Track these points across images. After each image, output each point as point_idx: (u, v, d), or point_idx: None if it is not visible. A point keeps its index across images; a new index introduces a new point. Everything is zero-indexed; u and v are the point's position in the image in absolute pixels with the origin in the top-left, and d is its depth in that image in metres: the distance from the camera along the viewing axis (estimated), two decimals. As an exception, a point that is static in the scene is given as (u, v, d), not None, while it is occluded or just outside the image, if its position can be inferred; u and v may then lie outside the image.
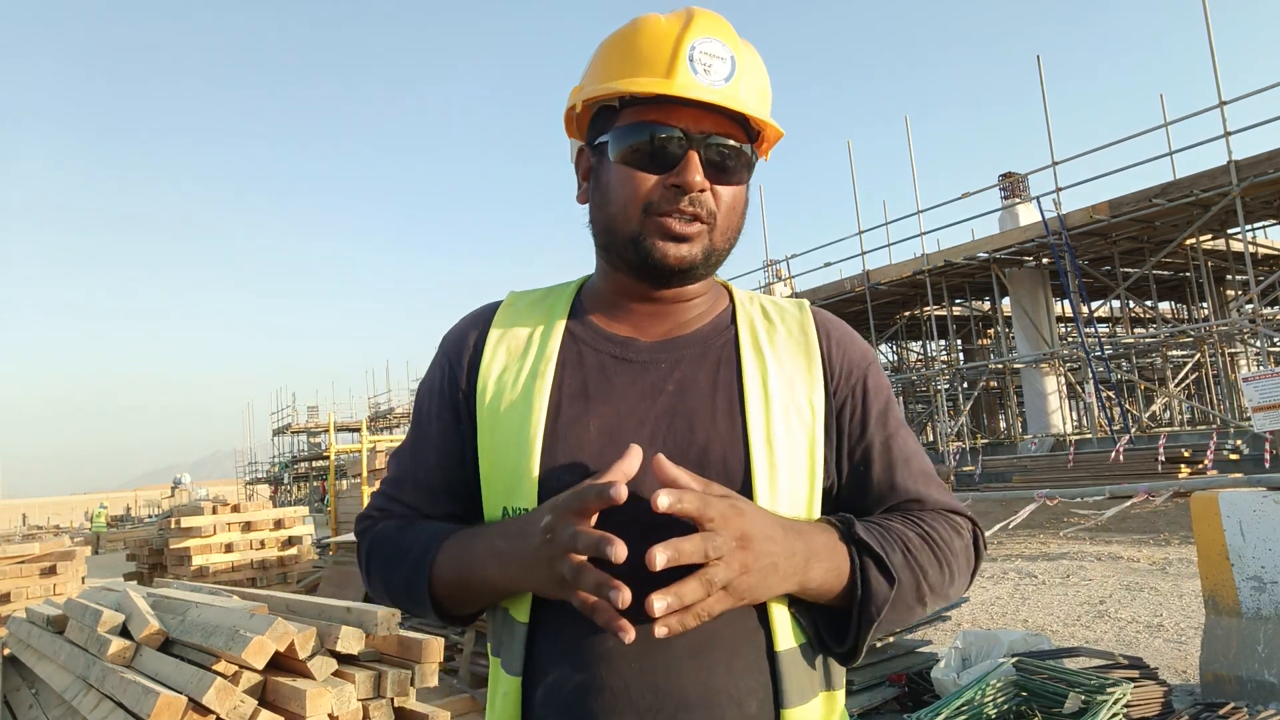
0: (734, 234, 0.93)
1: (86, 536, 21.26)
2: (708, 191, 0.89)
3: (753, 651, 0.84)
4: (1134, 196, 14.38)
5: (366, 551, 0.98)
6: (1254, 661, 3.49)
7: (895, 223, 19.04)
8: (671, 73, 0.86)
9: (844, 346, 0.98)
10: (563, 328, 0.97)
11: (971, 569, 0.95)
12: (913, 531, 0.89)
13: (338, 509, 12.35)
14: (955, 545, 0.91)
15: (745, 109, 0.88)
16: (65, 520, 43.88)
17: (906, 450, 0.96)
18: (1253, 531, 3.63)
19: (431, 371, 1.02)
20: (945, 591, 0.91)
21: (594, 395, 0.91)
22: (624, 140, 0.89)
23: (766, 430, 0.89)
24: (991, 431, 23.24)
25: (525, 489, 0.87)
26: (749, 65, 0.91)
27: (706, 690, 0.81)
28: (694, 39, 0.88)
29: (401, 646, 3.09)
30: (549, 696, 0.84)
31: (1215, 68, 12.84)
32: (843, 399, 0.95)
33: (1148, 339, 17.72)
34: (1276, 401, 8.98)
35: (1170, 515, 9.92)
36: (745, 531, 0.74)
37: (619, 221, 0.91)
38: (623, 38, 0.92)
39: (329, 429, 13.72)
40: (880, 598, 0.83)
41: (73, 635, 3.54)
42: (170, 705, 2.54)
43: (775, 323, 0.99)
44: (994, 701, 3.20)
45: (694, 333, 0.96)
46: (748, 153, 0.91)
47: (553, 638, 0.85)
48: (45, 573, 6.84)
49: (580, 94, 0.93)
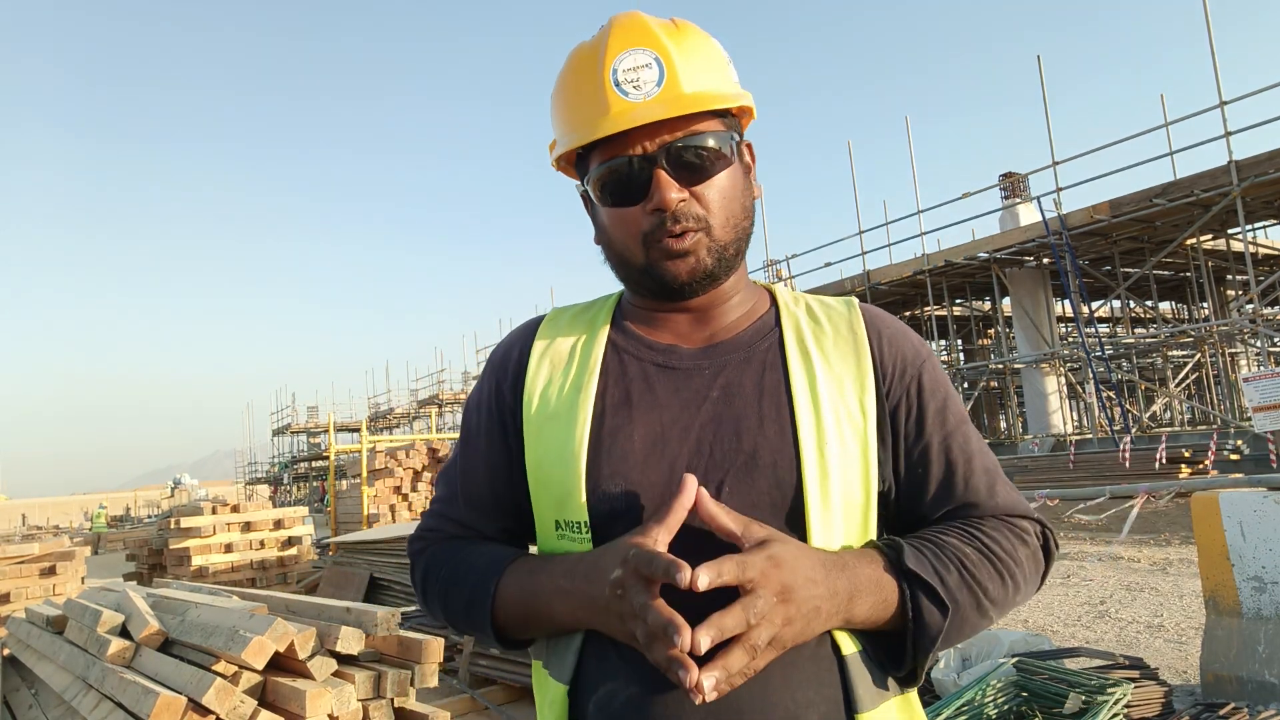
0: (739, 218, 0.91)
1: (86, 537, 21.27)
2: (689, 200, 0.87)
3: (813, 662, 0.82)
4: (1134, 196, 14.37)
5: (422, 574, 0.97)
6: (1254, 662, 3.49)
7: (895, 223, 19.06)
8: (606, 106, 0.86)
9: (896, 344, 0.95)
10: (605, 337, 0.96)
11: (1040, 573, 0.93)
12: (970, 546, 0.86)
13: (337, 509, 12.35)
14: (1019, 554, 0.89)
15: (687, 107, 0.85)
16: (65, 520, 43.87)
17: (968, 450, 0.93)
18: (1253, 532, 3.63)
19: (478, 388, 1.02)
20: (1010, 601, 0.88)
21: (637, 404, 0.90)
22: (597, 186, 0.90)
23: (817, 435, 0.86)
24: (992, 432, 23.25)
25: (574, 504, 0.87)
26: (683, 53, 0.88)
27: (764, 704, 0.79)
28: (613, 60, 0.86)
29: (401, 647, 3.09)
30: (601, 709, 0.83)
31: (1215, 68, 12.84)
32: (896, 399, 0.92)
33: (1148, 339, 17.72)
34: (1277, 401, 8.98)
35: (1170, 515, 9.91)
36: (785, 584, 0.74)
37: (626, 257, 0.91)
38: (561, 83, 0.93)
39: (329, 429, 13.74)
40: (934, 627, 0.81)
41: (72, 635, 3.54)
42: (170, 705, 2.54)
43: (822, 323, 0.96)
44: (994, 702, 3.19)
45: (736, 337, 0.94)
46: (718, 141, 0.88)
47: (606, 649, 0.84)
48: (45, 573, 6.84)
49: (553, 153, 0.96)
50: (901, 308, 21.95)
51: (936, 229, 19.39)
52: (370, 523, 11.17)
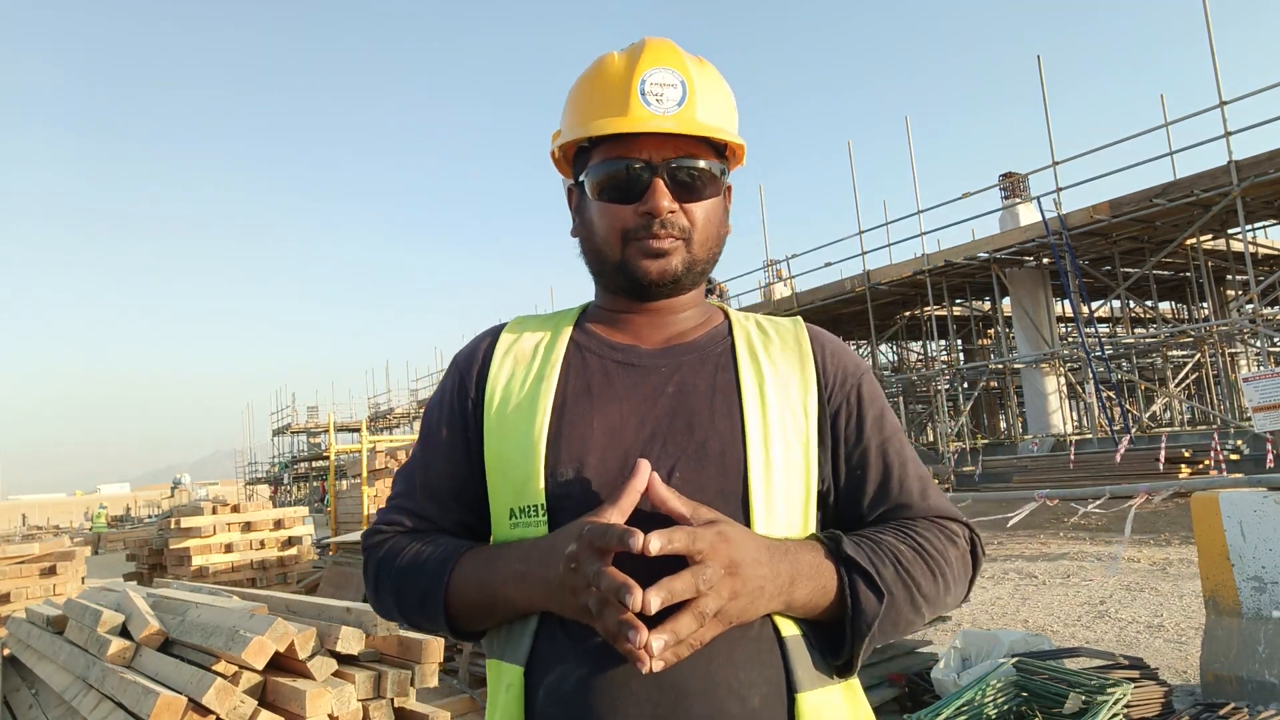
0: (713, 244, 1.00)
1: (87, 537, 21.27)
2: (678, 212, 0.95)
3: (755, 643, 0.85)
4: (1134, 196, 14.36)
5: (375, 566, 0.99)
6: (1254, 662, 3.49)
7: (895, 223, 19.05)
8: (626, 109, 0.93)
9: (838, 357, 1.03)
10: (568, 336, 1.02)
11: (969, 576, 0.97)
12: (905, 544, 0.91)
13: (338, 509, 12.35)
14: (950, 554, 0.93)
15: (698, 130, 0.94)
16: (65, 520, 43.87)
17: (903, 455, 0.99)
18: (1253, 532, 3.63)
19: (441, 386, 1.06)
20: (942, 600, 0.92)
21: (597, 396, 0.95)
22: (596, 177, 0.96)
23: (763, 430, 0.92)
24: (992, 432, 23.24)
25: (532, 488, 0.91)
26: (703, 85, 0.97)
27: (708, 683, 0.82)
28: (644, 72, 0.94)
29: (401, 647, 3.09)
30: (552, 692, 0.86)
31: (1215, 68, 12.83)
32: (837, 405, 0.99)
33: (1148, 339, 17.72)
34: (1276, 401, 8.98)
35: (1170, 515, 9.91)
36: (733, 559, 0.78)
37: (604, 251, 0.98)
38: (585, 82, 0.99)
39: (329, 429, 13.72)
40: (870, 613, 0.85)
41: (72, 635, 3.54)
42: (170, 705, 2.54)
43: (770, 334, 1.04)
44: (994, 702, 3.19)
45: (692, 341, 1.01)
46: (713, 170, 0.96)
47: (556, 635, 0.87)
48: (45, 573, 6.84)
49: (557, 139, 1.02)
50: (901, 308, 21.94)
51: (936, 229, 19.41)
52: (370, 523, 11.16)
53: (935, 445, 20.47)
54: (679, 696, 0.82)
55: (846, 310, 21.06)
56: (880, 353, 24.56)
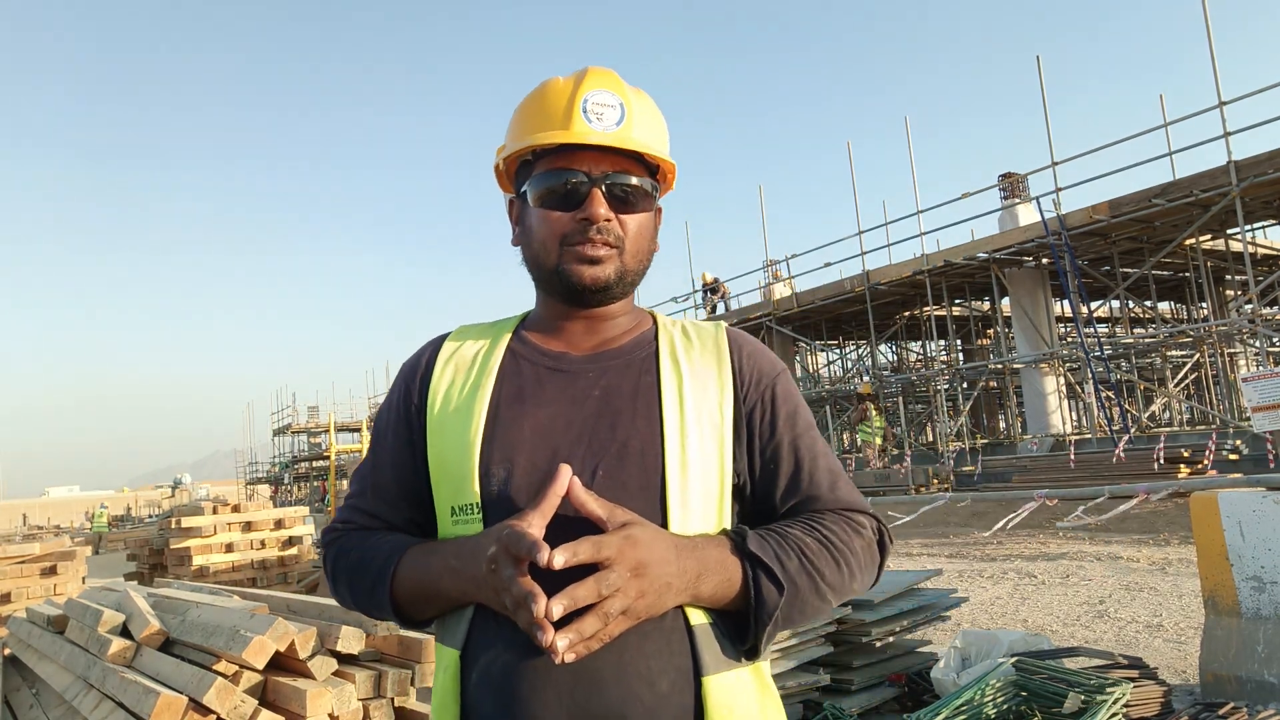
0: (644, 256, 1.08)
1: (87, 536, 21.27)
2: (613, 221, 1.03)
3: (666, 633, 0.92)
4: (1134, 197, 14.36)
5: (332, 561, 1.08)
6: (1254, 662, 3.50)
7: (895, 223, 19.01)
8: (569, 124, 1.01)
9: (754, 359, 1.10)
10: (506, 344, 1.10)
11: (876, 565, 1.04)
12: (810, 537, 0.97)
13: (338, 509, 12.38)
14: (855, 545, 1.00)
15: (636, 147, 1.03)
16: (65, 520, 43.84)
17: (814, 450, 1.06)
18: (1252, 532, 3.63)
19: (389, 394, 1.14)
20: (848, 588, 1.00)
21: (529, 400, 1.03)
22: (539, 186, 1.04)
23: (680, 429, 1.00)
24: (991, 431, 23.24)
25: (468, 487, 0.98)
26: (639, 110, 1.06)
27: (620, 671, 0.90)
28: (586, 93, 1.03)
29: (402, 646, 3.09)
30: (483, 674, 0.94)
31: (1215, 68, 12.83)
32: (753, 404, 1.06)
33: (1147, 339, 17.71)
34: (1276, 401, 8.99)
35: (1170, 515, 9.91)
36: (640, 560, 0.85)
37: (542, 256, 1.05)
38: (530, 100, 1.07)
39: (329, 429, 13.72)
40: (771, 604, 0.92)
41: (73, 635, 3.54)
42: (171, 705, 2.55)
43: (692, 339, 1.11)
44: (994, 701, 3.20)
45: (619, 347, 1.09)
46: (645, 186, 1.05)
47: (490, 623, 0.95)
48: (46, 573, 6.84)
49: (502, 152, 1.10)
50: (901, 308, 21.94)
51: (936, 229, 19.36)
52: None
53: (935, 445, 20.48)
54: (594, 683, 0.89)
55: (846, 310, 21.06)
56: (880, 353, 24.56)
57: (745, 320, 22.08)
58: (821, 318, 21.97)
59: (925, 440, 24.78)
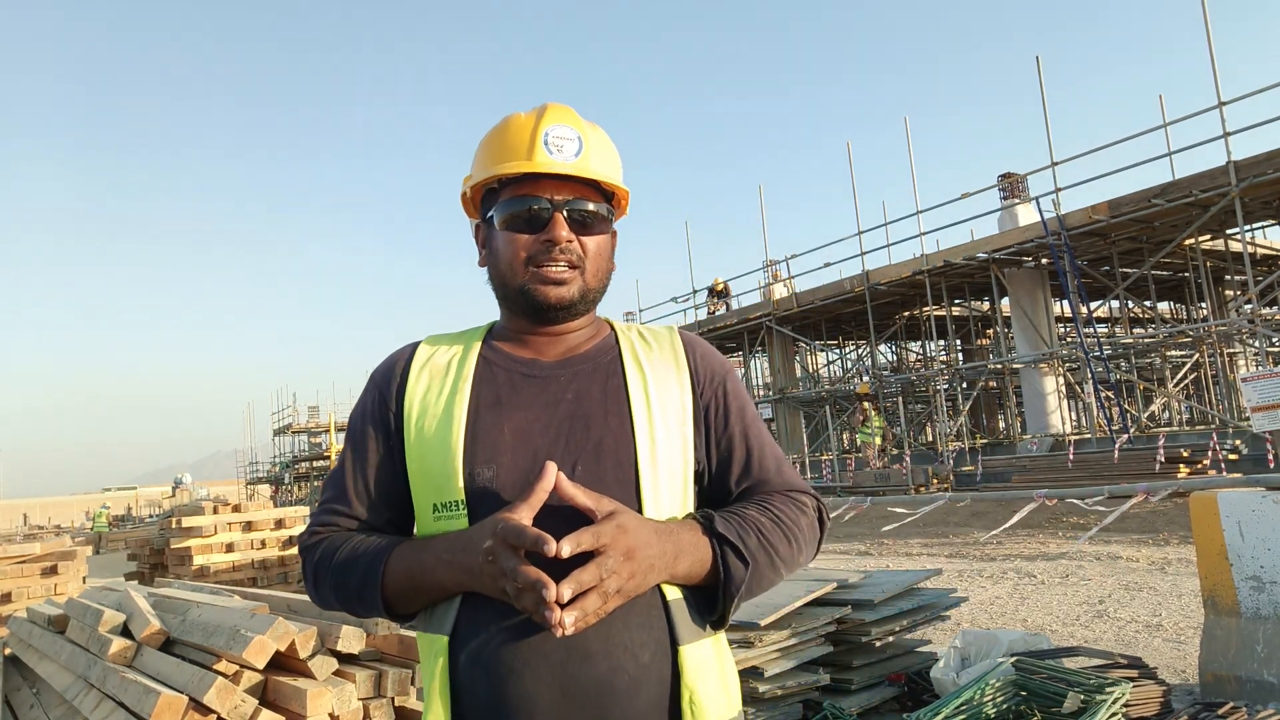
0: (604, 275, 1.17)
1: (88, 537, 21.26)
2: (574, 243, 1.11)
3: (646, 609, 1.02)
4: (1133, 197, 14.36)
5: (315, 563, 1.13)
6: (1253, 661, 3.50)
7: (894, 223, 19.02)
8: (532, 154, 1.10)
9: (707, 359, 1.21)
10: (478, 352, 1.17)
11: (818, 539, 1.18)
12: (765, 517, 1.09)
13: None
14: (800, 522, 1.13)
15: (594, 176, 1.12)
16: (66, 520, 43.84)
17: (761, 440, 1.19)
18: (1252, 531, 3.63)
19: (363, 400, 1.20)
20: (796, 560, 1.12)
21: (506, 404, 1.11)
22: (504, 213, 1.12)
23: (649, 426, 1.10)
24: (991, 431, 23.24)
25: (453, 485, 1.06)
26: (595, 143, 1.15)
27: (607, 644, 0.99)
28: (546, 126, 1.11)
29: (402, 646, 3.10)
30: (475, 656, 1.01)
31: (1214, 68, 12.84)
32: (708, 400, 1.17)
33: (1147, 339, 17.71)
34: (1275, 401, 8.99)
35: (1169, 515, 9.91)
36: (630, 546, 0.95)
37: (508, 276, 1.13)
38: (495, 134, 1.15)
39: (329, 429, 13.73)
40: (738, 578, 1.04)
41: (74, 635, 3.55)
42: (171, 705, 2.55)
43: (650, 343, 1.21)
44: (993, 701, 3.20)
45: (585, 353, 1.17)
46: (603, 212, 1.15)
47: (478, 608, 1.02)
48: (46, 572, 6.85)
49: (469, 181, 1.18)
50: (900, 308, 21.94)
51: (935, 229, 19.36)
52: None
53: (934, 445, 20.47)
54: (584, 656, 0.98)
55: (846, 310, 21.07)
56: (879, 353, 24.56)
57: (745, 320, 22.10)
58: (821, 318, 21.97)
59: (925, 440, 24.78)
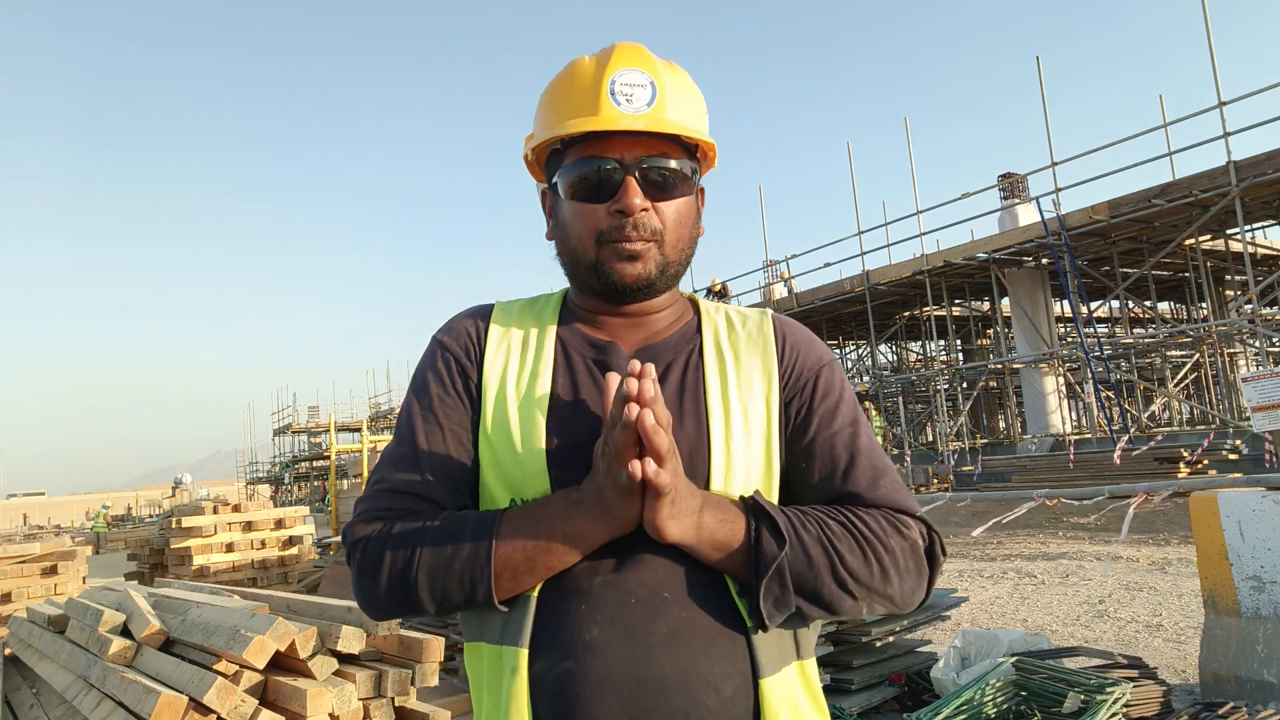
0: (685, 245, 1.01)
1: (87, 536, 21.27)
2: (650, 211, 0.96)
3: (728, 639, 0.89)
4: (1133, 197, 14.37)
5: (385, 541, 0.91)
6: (1253, 661, 3.50)
7: (895, 223, 19.04)
8: (597, 109, 0.94)
9: (799, 349, 1.05)
10: (554, 333, 1.04)
11: (922, 573, 0.94)
12: (834, 519, 0.92)
13: (338, 509, 12.36)
14: (891, 541, 0.91)
15: (668, 129, 0.95)
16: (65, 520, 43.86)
17: (854, 448, 0.99)
18: (1252, 531, 3.64)
19: (431, 360, 1.04)
20: (879, 585, 0.90)
21: (584, 396, 0.99)
22: (569, 178, 0.97)
23: (725, 429, 0.97)
24: (991, 431, 23.24)
25: (537, 484, 0.93)
26: (672, 86, 0.98)
27: (685, 676, 0.86)
28: (614, 74, 0.96)
29: (402, 646, 3.09)
30: (540, 679, 0.88)
31: (1214, 68, 12.84)
32: (791, 396, 1.02)
33: (1147, 339, 17.72)
34: (1276, 401, 8.98)
35: (1170, 515, 9.92)
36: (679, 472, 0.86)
37: (578, 252, 0.99)
38: (556, 85, 1.01)
39: (329, 429, 13.73)
40: (769, 554, 0.87)
41: (74, 635, 3.54)
42: (171, 705, 2.55)
43: (737, 329, 1.06)
44: (993, 701, 3.20)
45: (665, 340, 1.04)
46: (684, 169, 0.98)
47: (548, 627, 0.89)
48: (46, 572, 6.84)
49: (530, 141, 1.04)
50: (901, 308, 21.94)
51: (936, 229, 19.38)
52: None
53: (934, 445, 20.47)
54: (660, 690, 0.85)
55: (846, 310, 21.07)
56: (880, 353, 24.55)
57: (745, 320, 22.07)
58: (821, 318, 21.97)
59: (925, 440, 24.78)
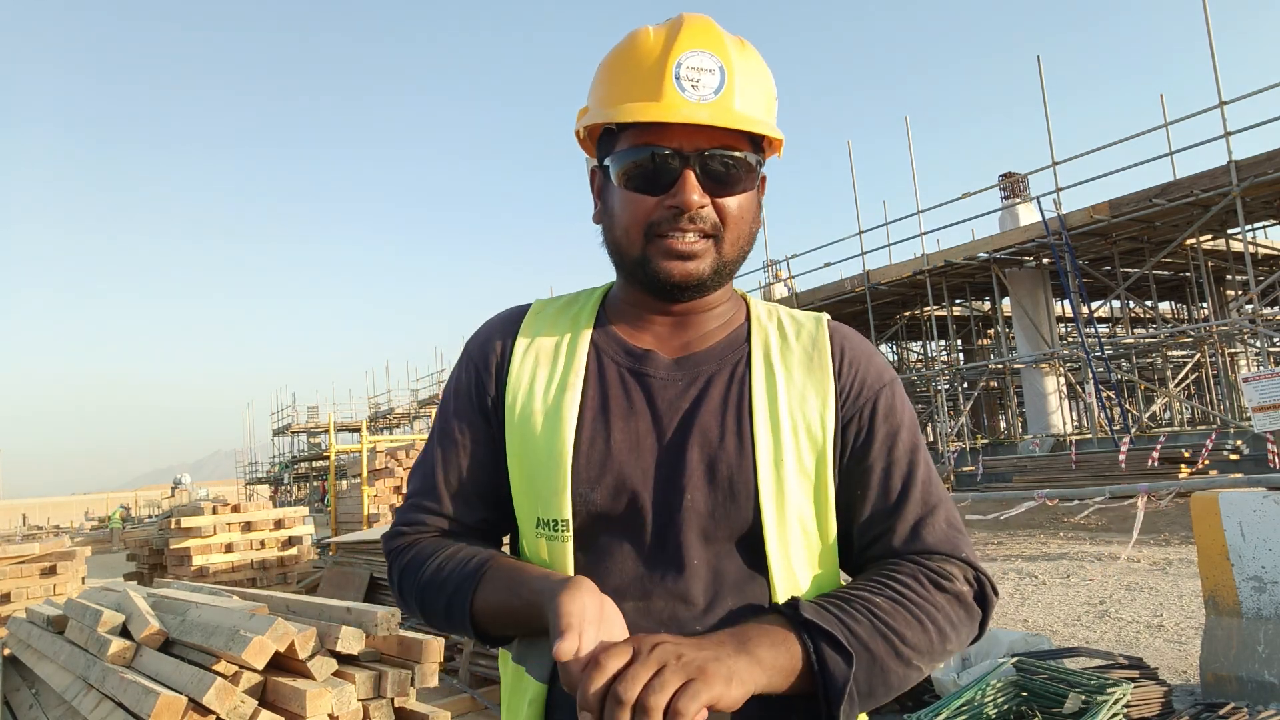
0: (744, 242, 0.93)
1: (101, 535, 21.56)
2: (708, 207, 0.88)
3: None
4: (1134, 197, 14.37)
5: (399, 575, 0.97)
6: (1254, 662, 3.49)
7: (895, 223, 19.06)
8: (659, 94, 0.86)
9: (857, 365, 0.96)
10: (588, 338, 0.97)
11: (973, 621, 0.89)
12: (880, 596, 0.84)
13: (338, 509, 12.35)
14: (937, 599, 0.85)
15: (735, 123, 0.86)
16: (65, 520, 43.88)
17: (910, 479, 0.92)
18: (1253, 532, 3.63)
19: (456, 375, 1.02)
20: (938, 648, 0.84)
21: (614, 410, 0.92)
22: (622, 164, 0.89)
23: (774, 450, 0.89)
24: (992, 431, 23.23)
25: (557, 503, 0.89)
26: (743, 72, 0.89)
27: None
28: (680, 55, 0.86)
29: (402, 647, 3.09)
30: (564, 712, 0.86)
31: (1215, 68, 12.84)
32: (849, 417, 0.93)
33: (1148, 339, 17.72)
34: (1276, 401, 8.97)
35: (1170, 515, 9.91)
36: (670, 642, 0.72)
37: (625, 244, 0.92)
38: (616, 58, 0.91)
39: (329, 429, 13.73)
40: (839, 677, 0.77)
41: (73, 635, 3.54)
42: (170, 705, 2.54)
43: (790, 339, 0.98)
44: (994, 701, 3.20)
45: (709, 349, 0.96)
46: (749, 160, 0.89)
47: None
48: (45, 573, 6.84)
49: (583, 118, 0.94)
50: (901, 308, 21.94)
51: (936, 229, 19.39)
52: (370, 523, 11.18)
53: (935, 445, 20.47)
54: None
55: (846, 310, 21.05)
56: (880, 353, 24.55)
57: (745, 320, 22.08)
58: (822, 318, 21.94)
59: (925, 440, 24.77)
